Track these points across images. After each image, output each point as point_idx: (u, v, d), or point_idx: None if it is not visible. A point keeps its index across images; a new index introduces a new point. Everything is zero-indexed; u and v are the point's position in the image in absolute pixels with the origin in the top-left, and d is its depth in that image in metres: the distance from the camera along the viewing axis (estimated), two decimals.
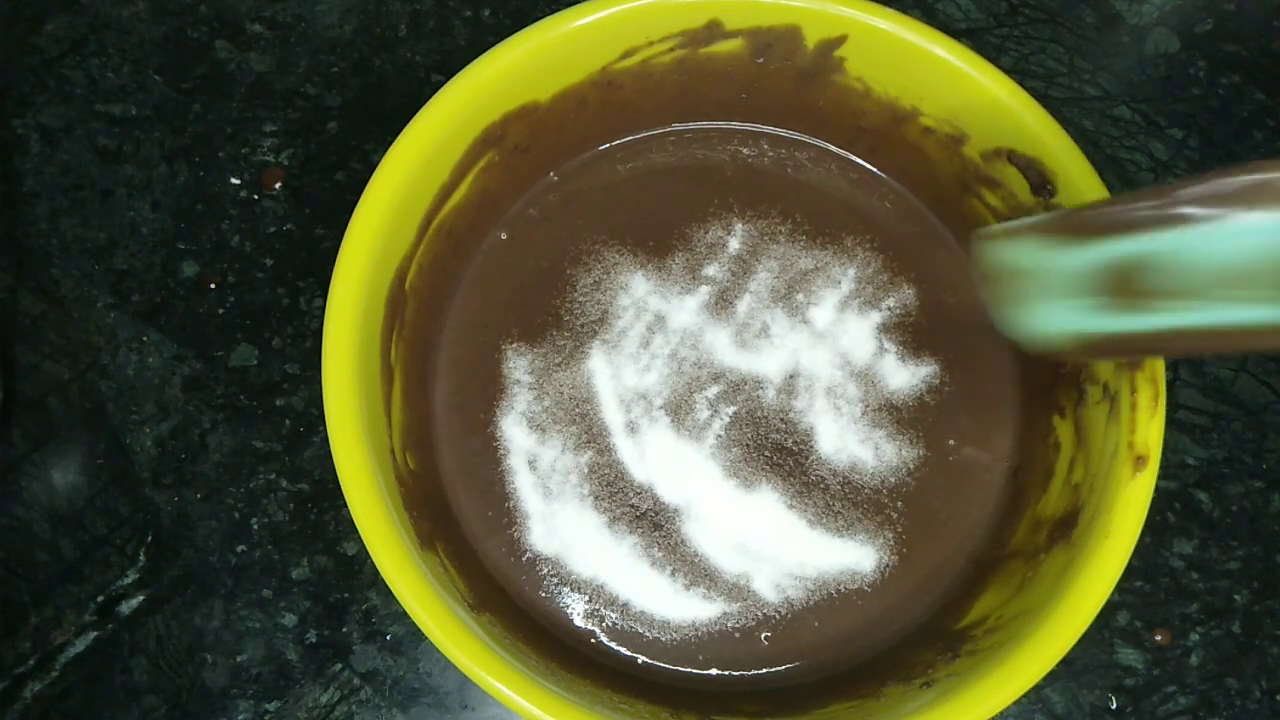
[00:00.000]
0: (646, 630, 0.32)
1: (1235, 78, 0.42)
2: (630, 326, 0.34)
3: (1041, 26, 0.43)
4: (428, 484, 0.32)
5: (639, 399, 0.34)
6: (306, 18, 0.42)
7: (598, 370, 0.34)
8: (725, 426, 0.34)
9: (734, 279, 0.35)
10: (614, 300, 0.35)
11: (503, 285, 0.35)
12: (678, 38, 0.33)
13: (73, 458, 0.36)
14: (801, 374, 0.34)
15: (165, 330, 0.37)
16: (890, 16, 0.32)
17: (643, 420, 0.33)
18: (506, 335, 0.34)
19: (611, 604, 0.32)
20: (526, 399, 0.34)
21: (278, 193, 0.39)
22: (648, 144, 0.37)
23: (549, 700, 0.26)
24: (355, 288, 0.29)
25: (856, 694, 0.30)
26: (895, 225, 0.36)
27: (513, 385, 0.34)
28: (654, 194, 0.36)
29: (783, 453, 0.33)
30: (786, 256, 0.35)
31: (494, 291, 0.35)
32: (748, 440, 0.34)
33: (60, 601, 0.34)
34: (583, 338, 0.34)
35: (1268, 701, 0.35)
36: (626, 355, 0.34)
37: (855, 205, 0.36)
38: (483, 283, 0.35)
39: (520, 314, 0.35)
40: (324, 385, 0.28)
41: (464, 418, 0.34)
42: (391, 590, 0.26)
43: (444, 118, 0.30)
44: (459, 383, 0.34)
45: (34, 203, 0.39)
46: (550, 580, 0.32)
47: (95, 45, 0.41)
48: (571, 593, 0.32)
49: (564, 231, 0.35)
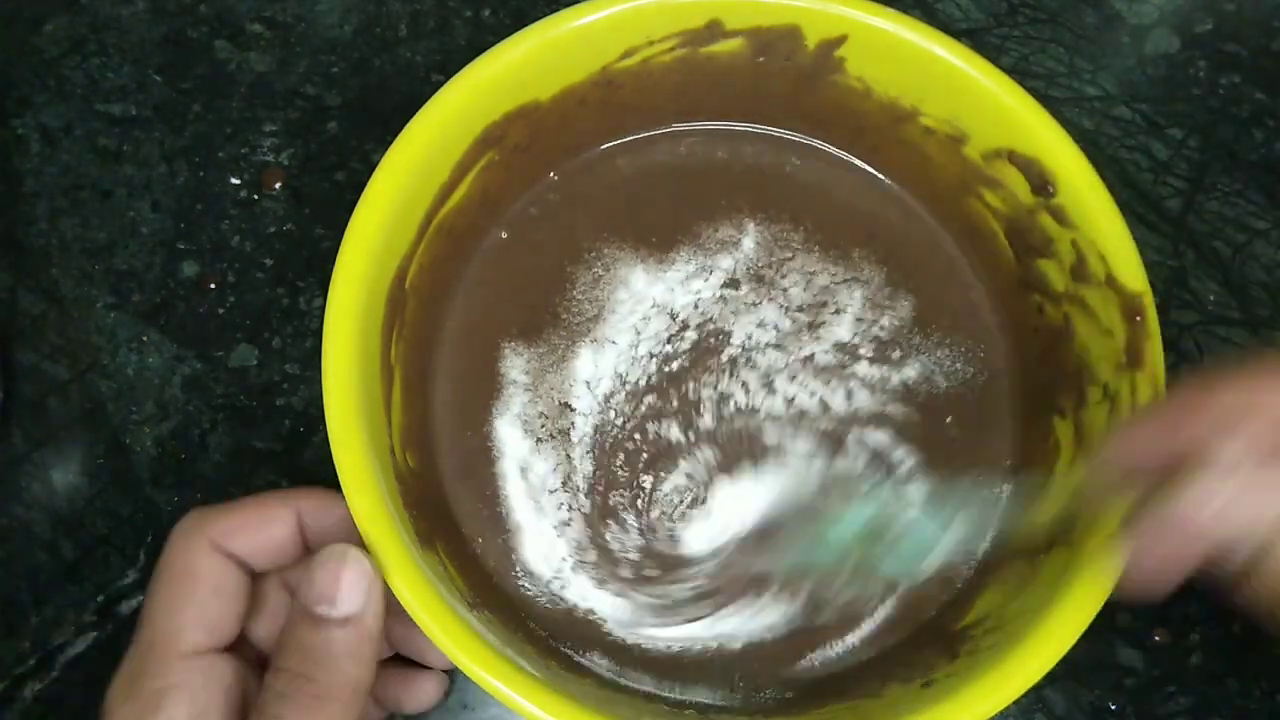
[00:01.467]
0: (643, 642, 0.32)
1: (1235, 78, 0.42)
2: (628, 324, 0.34)
3: (1041, 26, 0.43)
4: (427, 483, 0.32)
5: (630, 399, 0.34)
6: (306, 18, 0.42)
7: (588, 369, 0.34)
8: (724, 431, 0.34)
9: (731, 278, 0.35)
10: (613, 296, 0.35)
11: (503, 284, 0.35)
12: (678, 37, 0.33)
13: (73, 458, 0.36)
14: (798, 375, 0.34)
15: (165, 330, 0.37)
16: (890, 16, 0.32)
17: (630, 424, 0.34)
18: (506, 335, 0.34)
19: (606, 619, 0.32)
20: (522, 400, 0.34)
21: (278, 193, 0.39)
22: (648, 143, 0.37)
23: (549, 700, 0.26)
24: (355, 288, 0.29)
25: (856, 694, 0.30)
26: (897, 227, 0.36)
27: (509, 385, 0.34)
28: (655, 193, 0.36)
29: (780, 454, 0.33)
30: (794, 259, 0.35)
31: (494, 291, 0.35)
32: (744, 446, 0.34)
33: (60, 601, 0.34)
34: (577, 336, 0.34)
35: (1267, 701, 0.35)
36: (623, 354, 0.34)
37: (857, 206, 0.36)
38: (483, 282, 0.35)
39: (520, 313, 0.35)
40: (324, 385, 0.27)
41: (463, 417, 0.34)
42: (391, 589, 0.26)
43: (444, 118, 0.30)
44: (458, 382, 0.34)
45: (34, 203, 0.39)
46: (545, 589, 0.32)
47: (95, 45, 0.41)
48: (566, 603, 0.32)
49: (564, 230, 0.35)
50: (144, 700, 0.25)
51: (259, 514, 0.27)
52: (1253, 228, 0.40)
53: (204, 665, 0.26)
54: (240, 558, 0.27)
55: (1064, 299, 0.32)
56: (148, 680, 0.25)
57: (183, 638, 0.26)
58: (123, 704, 0.25)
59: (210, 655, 0.26)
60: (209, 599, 0.26)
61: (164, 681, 0.25)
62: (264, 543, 0.27)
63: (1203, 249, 0.40)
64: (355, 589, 0.25)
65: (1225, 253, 0.40)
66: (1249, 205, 0.40)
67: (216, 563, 0.26)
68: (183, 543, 0.27)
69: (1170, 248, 0.40)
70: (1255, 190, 0.41)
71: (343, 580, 0.25)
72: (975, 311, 0.35)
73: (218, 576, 0.26)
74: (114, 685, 0.26)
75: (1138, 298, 0.30)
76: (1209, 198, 0.40)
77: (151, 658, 0.25)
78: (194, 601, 0.26)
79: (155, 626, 0.26)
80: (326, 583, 0.25)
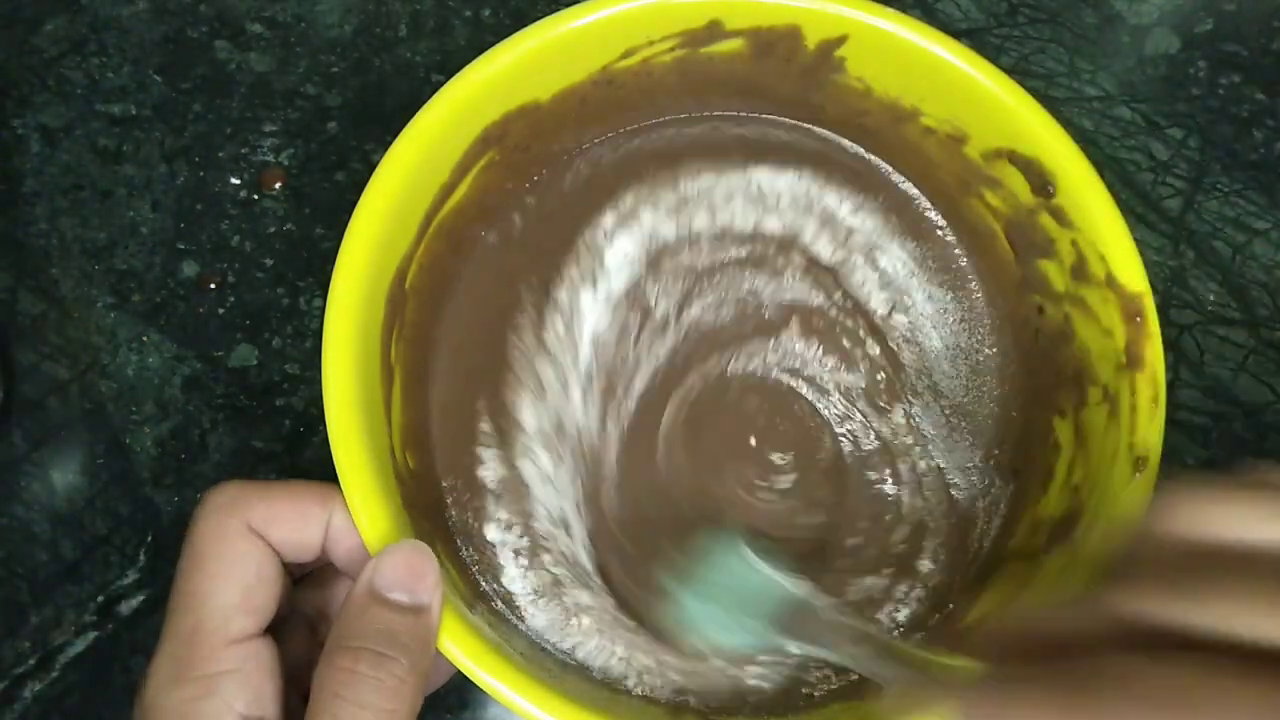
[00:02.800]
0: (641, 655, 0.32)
1: (1235, 78, 0.42)
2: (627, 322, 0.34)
3: (1041, 26, 0.43)
4: (427, 483, 0.32)
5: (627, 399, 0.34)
6: (306, 18, 0.42)
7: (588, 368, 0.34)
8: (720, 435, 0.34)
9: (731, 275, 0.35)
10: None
11: (503, 284, 0.35)
12: (678, 37, 0.33)
13: (73, 458, 0.36)
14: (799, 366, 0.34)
15: (165, 330, 0.37)
16: (890, 16, 0.32)
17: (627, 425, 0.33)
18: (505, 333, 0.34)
19: (600, 630, 0.31)
20: (519, 400, 0.34)
21: (278, 193, 0.39)
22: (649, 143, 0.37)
23: (549, 700, 0.26)
24: (355, 288, 0.29)
25: (857, 694, 0.30)
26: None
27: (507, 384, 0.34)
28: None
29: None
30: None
31: (494, 290, 0.35)
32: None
33: (60, 601, 0.34)
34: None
35: None
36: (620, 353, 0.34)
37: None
38: (483, 281, 0.35)
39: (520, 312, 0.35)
40: (324, 385, 0.27)
41: (462, 418, 0.33)
42: None
43: (444, 118, 0.30)
44: (458, 382, 0.34)
45: (34, 203, 0.39)
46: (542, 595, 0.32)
47: (95, 45, 0.41)
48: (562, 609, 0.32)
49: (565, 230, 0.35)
50: (196, 686, 0.24)
51: (294, 506, 0.27)
52: (1252, 228, 0.40)
53: (254, 649, 0.25)
54: (273, 545, 0.27)
55: (1064, 299, 0.32)
56: (198, 666, 0.25)
57: (231, 624, 0.25)
58: (171, 691, 0.24)
59: (257, 639, 0.26)
60: (254, 584, 0.26)
61: (216, 668, 0.25)
62: (298, 539, 0.27)
63: (1202, 249, 0.40)
64: (428, 580, 0.26)
65: (1225, 253, 0.40)
66: (1249, 205, 0.40)
67: (257, 547, 0.26)
68: (217, 522, 0.26)
69: (1170, 248, 0.40)
70: (1255, 190, 0.41)
71: (426, 573, 0.26)
72: (975, 311, 0.35)
73: (259, 561, 0.26)
74: (155, 674, 0.25)
75: (1138, 298, 0.30)
76: (1209, 198, 0.40)
77: (198, 643, 0.25)
78: (240, 586, 0.26)
79: (199, 611, 0.25)
80: (401, 572, 0.25)
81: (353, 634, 0.25)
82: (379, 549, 0.26)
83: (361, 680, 0.24)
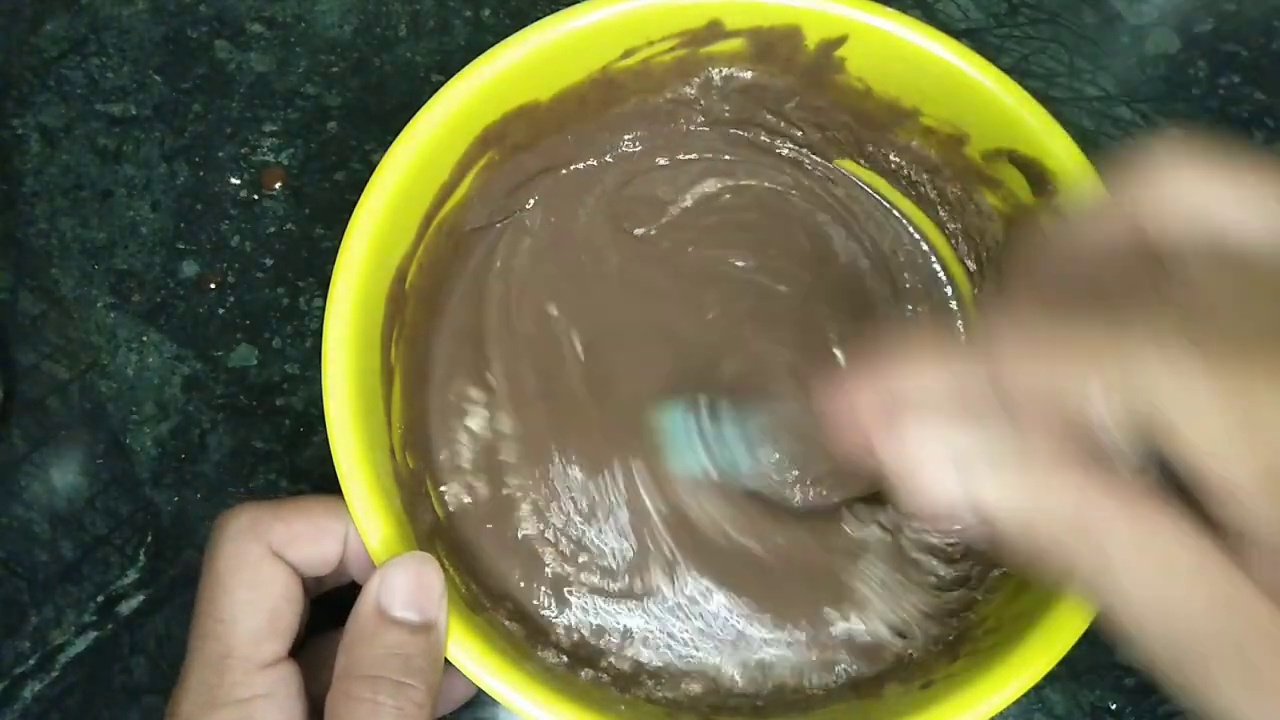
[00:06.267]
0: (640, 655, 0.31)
1: (1235, 78, 0.42)
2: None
3: (1041, 26, 0.43)
4: (427, 484, 0.32)
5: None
6: (306, 18, 0.42)
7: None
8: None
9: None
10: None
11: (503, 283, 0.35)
12: (678, 38, 0.33)
13: (73, 458, 0.36)
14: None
15: (165, 330, 0.37)
16: (890, 16, 0.32)
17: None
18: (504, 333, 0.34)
19: (599, 633, 0.31)
20: (518, 401, 0.34)
21: (278, 193, 0.39)
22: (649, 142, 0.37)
23: (549, 700, 0.26)
24: (355, 288, 0.29)
25: (856, 694, 0.30)
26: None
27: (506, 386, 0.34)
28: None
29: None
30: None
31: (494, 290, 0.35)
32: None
33: (60, 601, 0.34)
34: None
35: None
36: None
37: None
38: (483, 281, 0.35)
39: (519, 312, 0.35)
40: (324, 385, 0.27)
41: (462, 418, 0.33)
42: None
43: (444, 117, 0.30)
44: (458, 382, 0.34)
45: (34, 203, 0.39)
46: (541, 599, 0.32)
47: (95, 45, 0.41)
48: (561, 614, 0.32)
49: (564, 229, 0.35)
50: (231, 711, 0.25)
51: (311, 523, 0.27)
52: None
53: (283, 673, 0.26)
54: (293, 565, 0.27)
55: None
56: (231, 692, 0.25)
57: (262, 649, 0.25)
58: (206, 717, 0.25)
59: (285, 662, 0.26)
60: (281, 607, 0.26)
61: (249, 693, 0.25)
62: (318, 556, 0.27)
63: None
64: (435, 594, 0.26)
65: None
66: None
67: (281, 570, 0.26)
68: (238, 548, 0.26)
69: None
70: None
71: (433, 586, 0.26)
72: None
73: (284, 584, 0.26)
74: (186, 700, 0.25)
75: None
76: None
77: (230, 669, 0.25)
78: (267, 611, 0.26)
79: (228, 638, 0.25)
80: (409, 588, 0.25)
81: (368, 662, 0.25)
82: (382, 554, 0.26)
83: (383, 711, 0.24)
